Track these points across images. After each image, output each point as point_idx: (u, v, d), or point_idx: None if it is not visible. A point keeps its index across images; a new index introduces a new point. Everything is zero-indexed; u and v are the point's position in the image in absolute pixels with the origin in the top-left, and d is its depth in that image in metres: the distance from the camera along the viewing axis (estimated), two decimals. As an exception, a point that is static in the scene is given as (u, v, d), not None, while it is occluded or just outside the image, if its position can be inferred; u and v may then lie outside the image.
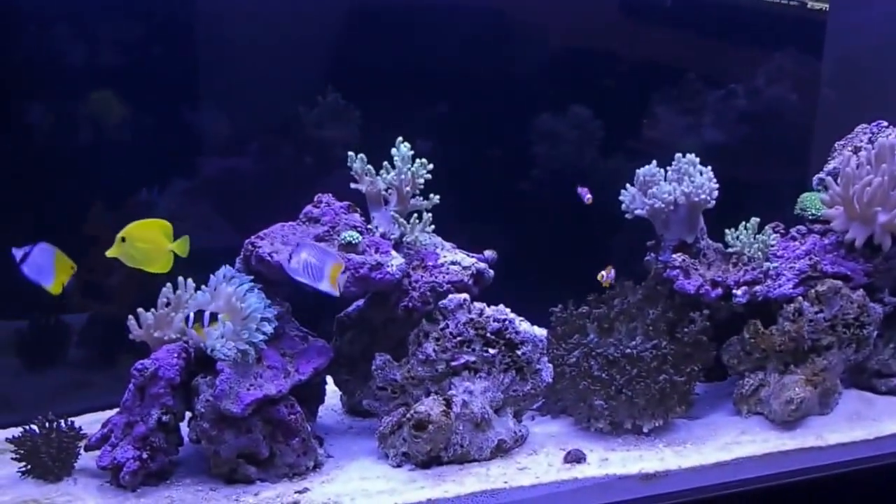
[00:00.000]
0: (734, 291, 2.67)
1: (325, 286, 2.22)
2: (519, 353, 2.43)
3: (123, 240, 2.14)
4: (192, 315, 2.20)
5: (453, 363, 2.39)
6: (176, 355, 2.25)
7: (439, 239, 2.65)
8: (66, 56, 2.72)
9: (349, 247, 2.42)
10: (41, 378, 2.84)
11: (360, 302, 2.65)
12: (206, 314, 2.21)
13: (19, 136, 2.71)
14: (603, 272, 2.73)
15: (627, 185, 2.80)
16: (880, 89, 3.85)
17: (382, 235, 2.53)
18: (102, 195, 2.77)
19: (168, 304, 2.39)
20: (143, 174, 2.85)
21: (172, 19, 2.87)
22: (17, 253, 2.06)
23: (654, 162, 2.78)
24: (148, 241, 2.16)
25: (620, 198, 2.79)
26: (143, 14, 2.81)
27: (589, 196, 2.79)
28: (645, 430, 2.50)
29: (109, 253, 2.14)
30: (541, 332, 2.49)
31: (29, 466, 2.22)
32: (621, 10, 3.58)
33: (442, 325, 2.42)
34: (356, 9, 3.15)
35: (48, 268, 2.09)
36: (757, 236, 2.74)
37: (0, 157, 2.65)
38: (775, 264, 2.73)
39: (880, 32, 3.93)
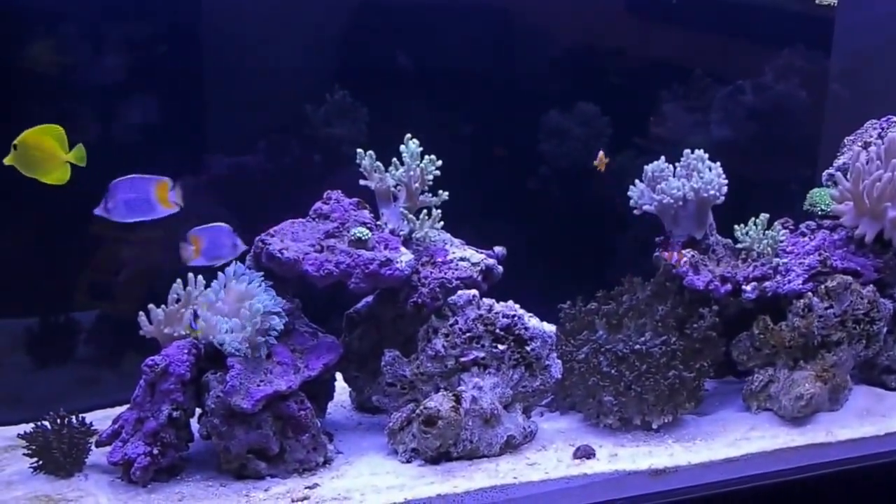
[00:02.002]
0: (743, 287, 2.66)
1: (161, 212, 2.12)
2: (528, 349, 2.43)
3: (15, 147, 2.09)
4: (192, 314, 2.19)
5: (462, 359, 2.39)
6: (186, 351, 2.26)
7: (448, 235, 2.65)
8: (75, 56, 2.73)
9: (359, 243, 2.42)
10: (51, 375, 2.85)
11: (370, 298, 2.65)
12: (190, 313, 2.20)
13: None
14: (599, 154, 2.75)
15: (636, 181, 2.79)
16: (889, 85, 3.84)
17: (392, 232, 2.54)
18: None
19: (178, 301, 2.40)
20: (152, 173, 2.85)
21: (181, 17, 2.88)
22: None
23: (663, 158, 2.78)
24: (43, 150, 2.10)
25: (629, 193, 2.79)
26: (152, 12, 2.82)
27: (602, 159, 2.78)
28: (654, 426, 2.49)
29: (6, 160, 2.09)
30: (550, 328, 2.49)
31: (41, 462, 2.23)
32: (628, 8, 3.58)
33: (451, 321, 2.42)
34: (363, 6, 3.15)
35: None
36: (766, 232, 2.74)
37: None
38: (785, 260, 2.73)
39: (889, 28, 3.92)
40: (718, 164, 2.74)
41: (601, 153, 2.81)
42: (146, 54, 2.83)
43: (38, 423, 2.26)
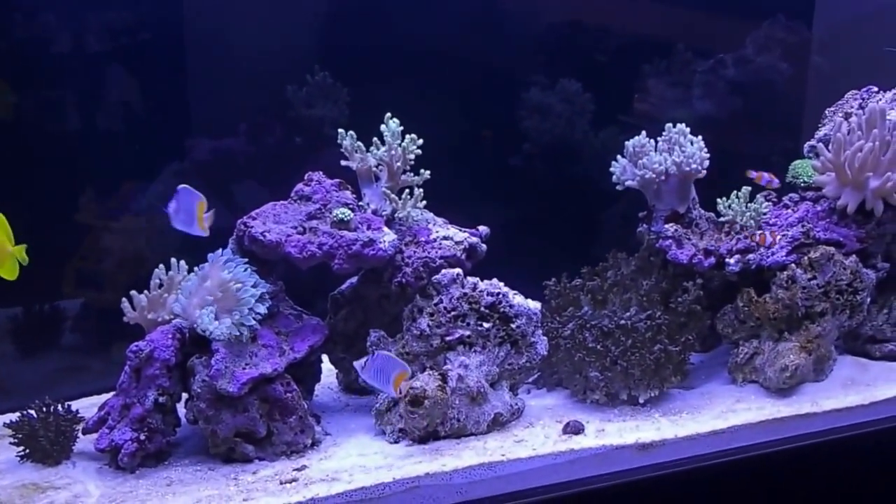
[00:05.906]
0: (727, 260, 2.67)
1: (196, 231, 2.14)
2: (513, 326, 2.43)
3: None
4: None
5: (448, 338, 2.39)
6: (170, 336, 2.25)
7: (431, 214, 2.64)
8: (55, 41, 2.70)
9: (341, 224, 2.41)
10: (37, 364, 2.84)
11: (354, 279, 2.65)
12: None
13: (10, 124, 2.70)
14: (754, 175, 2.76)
15: (618, 157, 2.79)
16: (870, 56, 3.84)
17: (374, 212, 2.53)
18: (94, 183, 2.77)
19: (161, 286, 2.39)
20: (134, 159, 2.84)
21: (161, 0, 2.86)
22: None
23: (644, 132, 2.77)
24: None
25: (611, 169, 2.79)
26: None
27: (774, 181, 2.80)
28: (641, 400, 2.50)
29: None
30: (535, 305, 2.49)
31: (27, 451, 2.23)
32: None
33: (436, 300, 2.42)
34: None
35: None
36: (749, 205, 2.75)
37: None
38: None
39: (870, -1, 3.93)
40: (700, 137, 2.74)
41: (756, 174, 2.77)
42: (126, 38, 2.80)
43: (24, 412, 2.26)
